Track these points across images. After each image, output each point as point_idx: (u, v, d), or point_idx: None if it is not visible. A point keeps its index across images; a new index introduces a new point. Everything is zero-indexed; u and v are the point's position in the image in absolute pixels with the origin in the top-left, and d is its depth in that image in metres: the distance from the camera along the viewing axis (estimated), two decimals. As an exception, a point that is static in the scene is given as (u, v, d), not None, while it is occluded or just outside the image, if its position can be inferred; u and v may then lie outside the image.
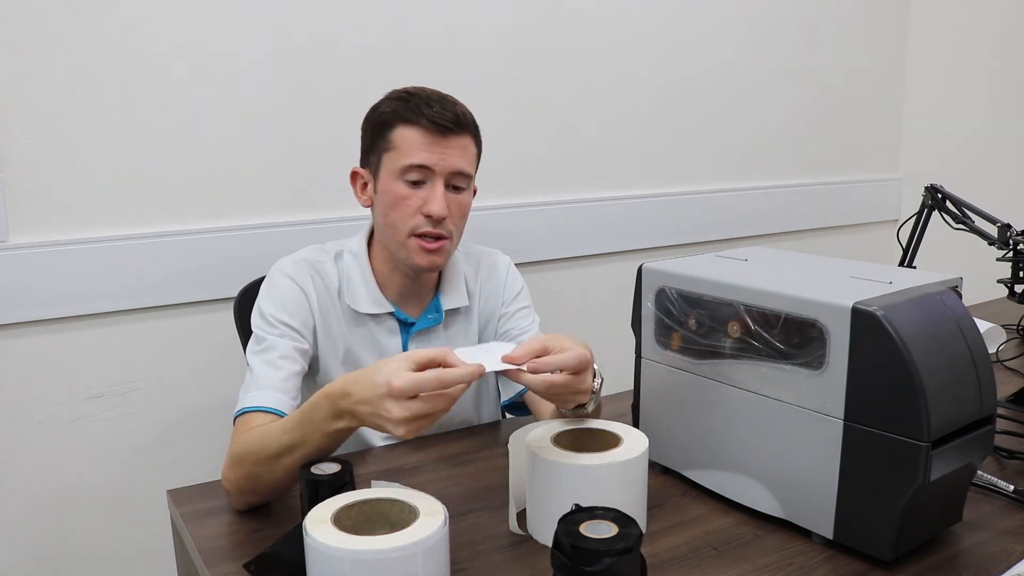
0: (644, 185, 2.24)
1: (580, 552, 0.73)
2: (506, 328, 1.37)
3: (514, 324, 1.37)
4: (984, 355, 0.93)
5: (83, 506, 1.60)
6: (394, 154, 1.21)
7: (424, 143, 1.19)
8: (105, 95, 1.52)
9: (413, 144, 1.19)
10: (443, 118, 1.19)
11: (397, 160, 1.20)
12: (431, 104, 1.19)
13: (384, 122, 1.22)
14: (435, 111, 1.19)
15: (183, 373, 1.66)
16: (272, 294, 1.23)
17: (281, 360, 1.16)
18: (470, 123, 1.24)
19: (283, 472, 0.99)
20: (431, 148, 1.19)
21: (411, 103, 1.20)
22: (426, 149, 1.19)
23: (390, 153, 1.22)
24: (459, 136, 1.21)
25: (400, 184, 1.21)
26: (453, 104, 1.22)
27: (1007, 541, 0.95)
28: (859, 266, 1.07)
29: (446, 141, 1.20)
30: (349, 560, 0.75)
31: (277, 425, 1.02)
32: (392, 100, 1.23)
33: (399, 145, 1.20)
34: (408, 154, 1.19)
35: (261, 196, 1.69)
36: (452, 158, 1.21)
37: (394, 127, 1.21)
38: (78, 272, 1.52)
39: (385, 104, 1.24)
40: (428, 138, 1.19)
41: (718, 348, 1.03)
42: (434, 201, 1.20)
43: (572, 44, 2.05)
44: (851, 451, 0.90)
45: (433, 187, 1.20)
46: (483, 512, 1.04)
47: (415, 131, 1.19)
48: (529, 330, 1.37)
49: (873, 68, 2.69)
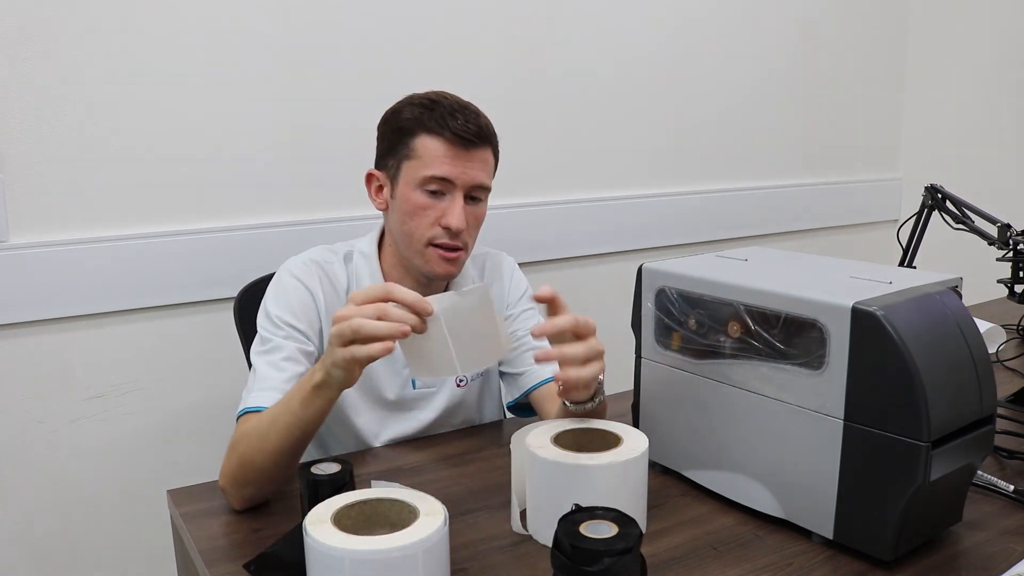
0: (644, 185, 2.24)
1: (580, 552, 0.73)
2: (512, 329, 1.37)
3: (519, 325, 1.37)
4: (984, 355, 0.93)
5: (83, 506, 1.60)
6: (415, 163, 1.20)
7: (447, 155, 1.18)
8: (105, 95, 1.52)
9: (435, 156, 1.18)
10: (467, 131, 1.18)
11: (418, 170, 1.19)
12: (455, 115, 1.18)
13: (405, 129, 1.20)
14: (459, 123, 1.17)
15: (183, 373, 1.66)
16: (279, 295, 1.23)
17: (285, 362, 1.16)
18: (491, 135, 1.23)
19: (272, 450, 1.01)
20: (453, 161, 1.18)
21: (435, 112, 1.18)
22: (448, 162, 1.18)
23: (411, 162, 1.20)
24: (481, 149, 1.20)
25: (419, 194, 1.20)
26: (476, 115, 1.21)
27: (1007, 541, 0.95)
28: (859, 266, 1.07)
29: (468, 155, 1.19)
30: (349, 560, 0.75)
31: (266, 413, 1.06)
32: (415, 106, 1.21)
33: (421, 155, 1.19)
34: (430, 165, 1.18)
35: (261, 196, 1.69)
36: (473, 171, 1.20)
37: (416, 135, 1.19)
38: (78, 272, 1.52)
39: (407, 110, 1.21)
40: (451, 151, 1.18)
41: (718, 348, 1.03)
42: (453, 214, 1.19)
43: (572, 44, 2.05)
44: (851, 451, 0.90)
45: (453, 200, 1.20)
46: (483, 512, 1.04)
47: (438, 142, 1.18)
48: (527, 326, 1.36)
49: (873, 68, 2.69)
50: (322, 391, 0.97)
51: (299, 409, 0.99)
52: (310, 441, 1.03)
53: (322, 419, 1.00)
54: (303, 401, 0.99)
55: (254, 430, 1.04)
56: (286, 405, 1.01)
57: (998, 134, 2.56)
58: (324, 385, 0.96)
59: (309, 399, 0.98)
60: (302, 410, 0.99)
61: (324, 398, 0.98)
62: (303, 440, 1.02)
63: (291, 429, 1.00)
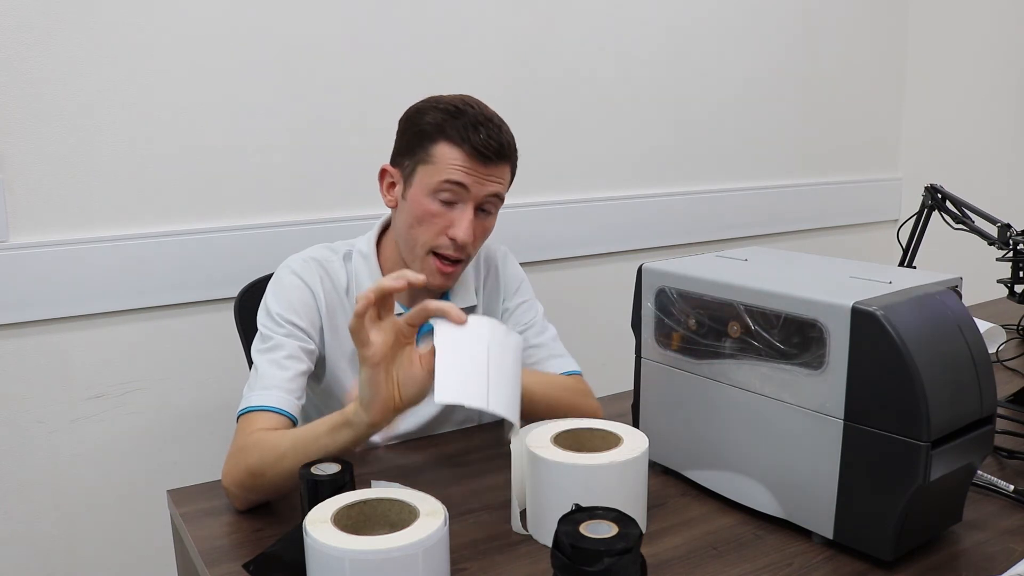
0: (644, 185, 2.24)
1: (580, 552, 0.73)
2: (511, 324, 1.35)
3: (517, 319, 1.36)
4: (984, 355, 0.93)
5: (83, 506, 1.60)
6: (431, 168, 1.18)
7: (464, 167, 1.17)
8: (105, 95, 1.52)
9: (453, 165, 1.17)
10: (488, 148, 1.16)
11: (434, 175, 1.18)
12: (479, 128, 1.16)
13: (426, 132, 1.19)
14: (482, 138, 1.16)
15: (183, 373, 1.66)
16: (279, 293, 1.22)
17: (287, 360, 1.16)
18: (512, 151, 1.22)
19: (288, 470, 0.99)
20: (471, 172, 1.17)
21: (460, 121, 1.17)
22: (464, 173, 1.17)
23: (427, 166, 1.19)
24: (500, 165, 1.20)
25: (431, 200, 1.18)
26: (499, 130, 1.19)
27: (1007, 541, 0.95)
28: (859, 266, 1.07)
29: (487, 169, 1.18)
30: (349, 560, 0.75)
31: (288, 431, 1.05)
32: (439, 111, 1.19)
33: (438, 161, 1.17)
34: (446, 171, 1.17)
35: (261, 196, 1.69)
36: (490, 184, 1.19)
37: (436, 141, 1.18)
38: (78, 272, 1.52)
39: (431, 113, 1.19)
40: (469, 162, 1.17)
41: (718, 348, 1.03)
42: (461, 227, 1.18)
43: (573, 43, 2.05)
44: (851, 451, 0.90)
45: (464, 210, 1.18)
46: (483, 512, 1.04)
47: (457, 152, 1.17)
48: (532, 325, 1.35)
49: (873, 68, 2.69)
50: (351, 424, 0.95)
51: (325, 438, 0.97)
52: None
53: (347, 453, 0.98)
54: (330, 431, 0.96)
55: (271, 447, 1.02)
56: (312, 431, 0.99)
57: (998, 134, 2.56)
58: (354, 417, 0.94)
59: (337, 430, 0.96)
60: (328, 439, 0.97)
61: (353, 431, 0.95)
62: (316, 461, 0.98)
63: (310, 456, 0.97)
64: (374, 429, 0.94)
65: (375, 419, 0.93)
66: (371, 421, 0.93)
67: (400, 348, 0.93)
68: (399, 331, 0.92)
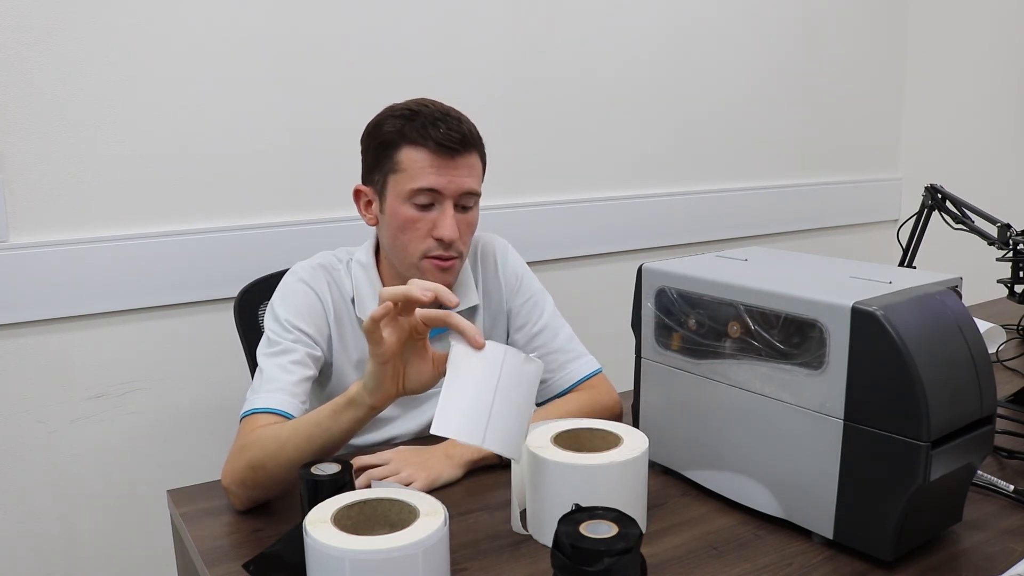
0: (644, 185, 2.25)
1: (580, 552, 0.73)
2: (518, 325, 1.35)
3: (524, 319, 1.34)
4: (984, 355, 0.93)
5: (83, 506, 1.60)
6: (401, 176, 1.18)
7: (432, 166, 1.16)
8: (105, 95, 1.52)
9: (421, 167, 1.17)
10: (450, 140, 1.16)
11: (405, 183, 1.18)
12: (437, 124, 1.16)
13: (388, 142, 1.19)
14: (442, 132, 1.16)
15: (183, 373, 1.66)
16: (288, 299, 1.22)
17: (292, 364, 1.15)
18: (476, 140, 1.21)
19: (288, 460, 0.99)
20: (439, 171, 1.17)
21: (416, 122, 1.17)
22: (434, 172, 1.16)
23: (397, 175, 1.19)
24: (467, 156, 1.19)
25: (408, 207, 1.18)
26: (459, 121, 1.19)
27: (1007, 541, 0.95)
28: (859, 266, 1.07)
29: (454, 163, 1.17)
30: (349, 560, 0.75)
31: (288, 422, 1.05)
32: (395, 118, 1.19)
33: (406, 168, 1.17)
34: (416, 178, 1.17)
35: (261, 196, 1.69)
36: (461, 179, 1.18)
37: (400, 148, 1.18)
38: (78, 272, 1.52)
39: (388, 122, 1.20)
40: (436, 160, 1.16)
41: (718, 348, 1.03)
42: (444, 226, 1.18)
43: (573, 44, 2.05)
44: (851, 451, 0.90)
45: (443, 210, 1.18)
46: (483, 512, 1.04)
47: (422, 153, 1.16)
48: (544, 327, 1.34)
49: (873, 68, 2.69)
50: (355, 407, 0.95)
51: (327, 421, 0.97)
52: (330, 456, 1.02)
53: (348, 435, 0.98)
54: (333, 413, 0.97)
55: (272, 437, 1.02)
56: (313, 417, 0.99)
57: (998, 134, 2.57)
58: (357, 397, 0.95)
59: (340, 411, 0.96)
60: (330, 421, 0.97)
61: (355, 411, 0.95)
62: (322, 454, 0.99)
63: (312, 441, 0.98)
64: (375, 412, 0.95)
65: (377, 403, 0.94)
66: (373, 404, 0.94)
67: (412, 343, 0.93)
68: (413, 327, 0.92)
